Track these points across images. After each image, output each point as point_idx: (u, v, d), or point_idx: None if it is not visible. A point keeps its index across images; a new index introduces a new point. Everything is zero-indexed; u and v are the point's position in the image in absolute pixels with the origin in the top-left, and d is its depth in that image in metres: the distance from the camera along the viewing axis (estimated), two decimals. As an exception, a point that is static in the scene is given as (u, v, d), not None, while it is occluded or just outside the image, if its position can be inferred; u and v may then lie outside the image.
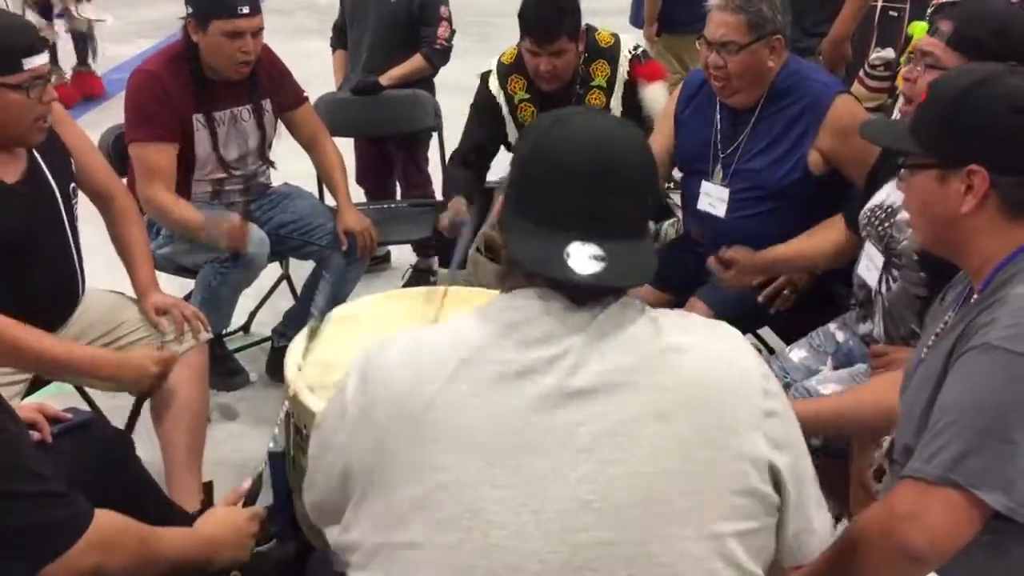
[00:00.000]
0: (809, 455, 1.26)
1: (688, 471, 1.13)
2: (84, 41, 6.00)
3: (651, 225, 1.26)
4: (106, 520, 1.47)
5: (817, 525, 1.26)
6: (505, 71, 3.11)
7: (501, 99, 3.11)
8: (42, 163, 2.28)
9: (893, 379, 1.71)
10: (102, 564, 1.45)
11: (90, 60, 6.14)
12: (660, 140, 2.73)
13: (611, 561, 1.12)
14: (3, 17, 2.16)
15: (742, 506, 1.15)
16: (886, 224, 2.14)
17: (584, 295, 1.19)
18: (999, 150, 1.40)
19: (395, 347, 1.23)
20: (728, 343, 1.24)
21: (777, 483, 1.19)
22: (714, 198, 2.68)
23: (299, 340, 2.30)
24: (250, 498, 1.82)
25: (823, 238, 2.46)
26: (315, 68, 4.25)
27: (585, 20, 3.02)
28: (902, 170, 1.55)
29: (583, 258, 1.16)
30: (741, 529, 1.15)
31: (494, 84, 3.12)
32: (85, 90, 6.14)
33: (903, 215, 2.03)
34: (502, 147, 3.21)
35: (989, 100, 1.41)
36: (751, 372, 1.21)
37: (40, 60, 2.13)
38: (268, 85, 3.04)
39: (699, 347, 1.21)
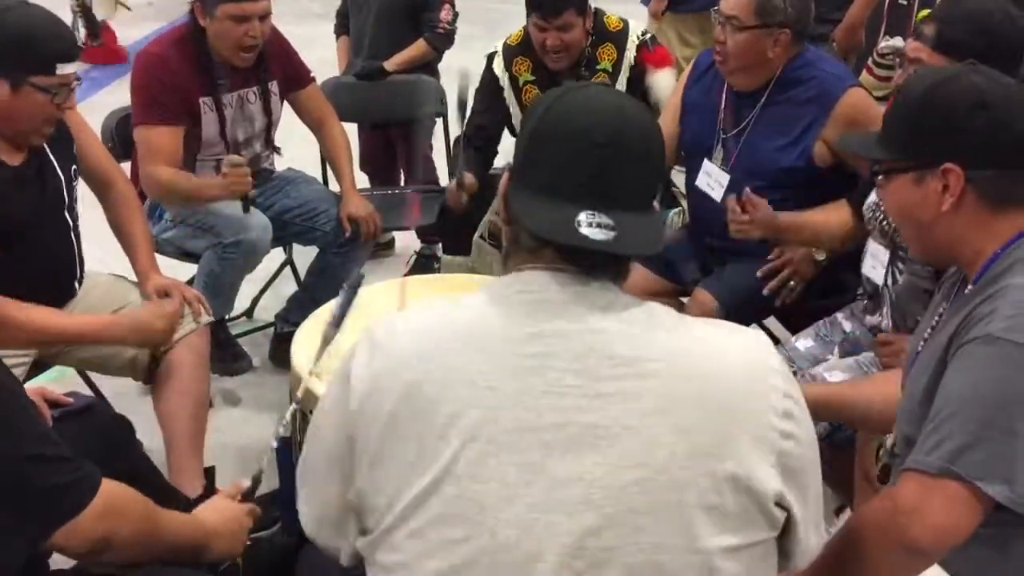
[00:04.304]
0: (820, 476, 1.22)
1: (701, 485, 1.11)
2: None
3: (656, 204, 1.24)
4: (114, 489, 1.48)
5: (814, 544, 1.23)
6: (511, 52, 3.10)
7: (505, 80, 3.10)
8: (46, 147, 2.28)
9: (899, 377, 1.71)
10: (110, 533, 1.46)
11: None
12: (667, 121, 2.71)
13: (616, 566, 1.10)
14: (47, 19, 2.18)
15: (751, 521, 1.13)
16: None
17: (594, 265, 1.17)
18: (968, 147, 1.41)
19: (405, 331, 1.20)
20: (753, 350, 1.19)
21: (784, 507, 1.16)
22: (713, 179, 2.66)
23: (307, 332, 2.29)
24: (247, 495, 1.82)
25: (834, 216, 2.45)
26: (321, 53, 4.22)
27: (595, 5, 3.01)
28: (879, 177, 1.55)
29: (591, 227, 1.14)
30: (746, 543, 1.13)
31: (499, 65, 3.11)
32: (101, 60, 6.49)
33: None
34: (506, 132, 3.19)
35: (952, 99, 1.42)
36: (775, 388, 1.16)
37: (71, 68, 2.15)
38: (275, 66, 3.02)
39: (723, 356, 1.17)
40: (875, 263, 2.21)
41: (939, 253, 1.54)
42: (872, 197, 2.23)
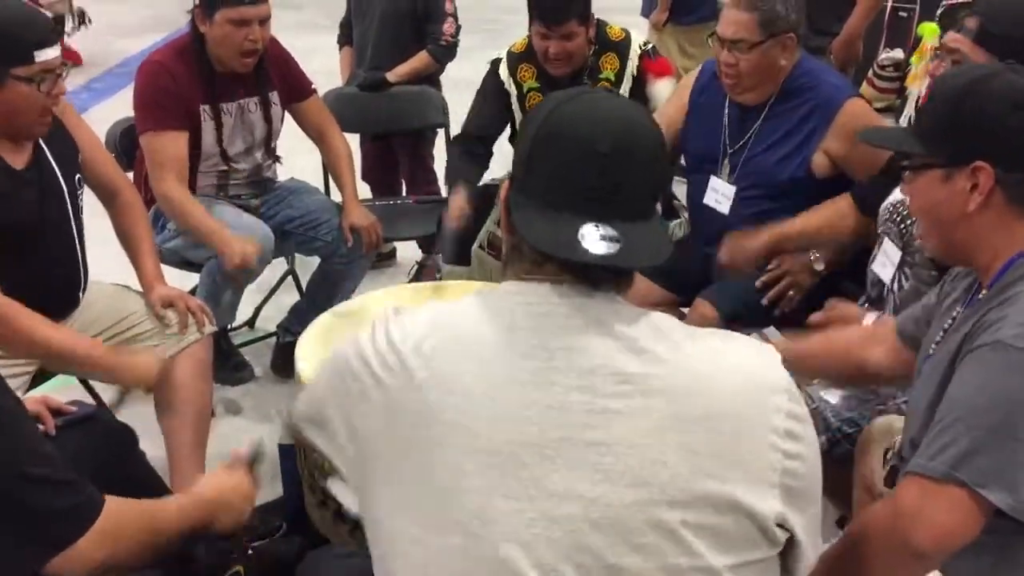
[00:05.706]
0: (820, 493, 1.21)
1: (702, 506, 1.10)
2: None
3: (659, 208, 1.23)
4: (114, 508, 1.47)
5: (812, 560, 1.22)
6: (515, 60, 3.11)
7: (511, 87, 3.11)
8: (48, 154, 2.28)
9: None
10: (109, 557, 1.45)
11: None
12: (669, 118, 2.71)
13: None
14: (17, 8, 2.16)
15: (752, 541, 1.13)
16: (908, 221, 2.13)
17: (598, 277, 1.16)
18: (1002, 147, 1.40)
19: (414, 337, 1.18)
20: (757, 367, 1.17)
21: (786, 528, 1.15)
22: (720, 194, 2.67)
23: (310, 341, 2.30)
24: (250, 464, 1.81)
25: (831, 211, 2.48)
26: (325, 64, 4.24)
27: (597, 16, 3.02)
28: (906, 172, 1.54)
29: (596, 239, 1.12)
30: (747, 561, 1.13)
31: (504, 72, 3.12)
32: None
33: None
34: (505, 138, 3.20)
35: (989, 98, 1.40)
36: (778, 408, 1.14)
37: (52, 53, 2.12)
38: (276, 77, 3.03)
39: (726, 375, 1.15)
40: (886, 261, 2.21)
41: (955, 253, 1.53)
42: (891, 198, 2.22)
